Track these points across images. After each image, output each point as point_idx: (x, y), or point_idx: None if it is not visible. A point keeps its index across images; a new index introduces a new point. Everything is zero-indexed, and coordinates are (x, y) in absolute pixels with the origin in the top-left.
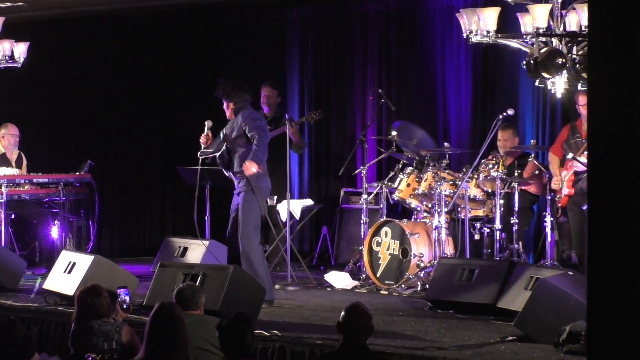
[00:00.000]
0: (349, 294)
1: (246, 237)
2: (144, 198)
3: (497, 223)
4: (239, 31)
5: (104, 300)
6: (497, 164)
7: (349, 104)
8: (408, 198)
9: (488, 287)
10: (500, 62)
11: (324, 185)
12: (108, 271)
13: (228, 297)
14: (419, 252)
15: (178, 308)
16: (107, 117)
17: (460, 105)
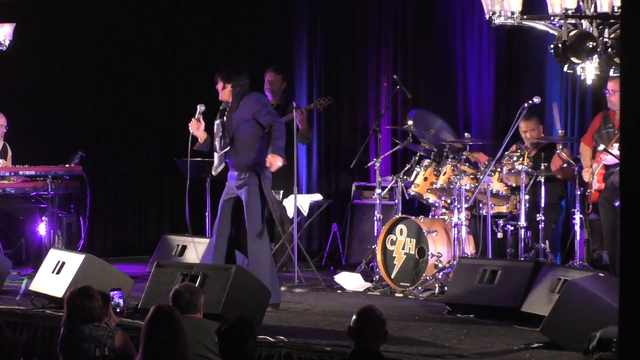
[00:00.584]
0: (360, 296)
1: (255, 234)
2: (139, 192)
3: (521, 220)
4: (241, 11)
5: (96, 302)
6: (521, 156)
7: (362, 91)
8: (425, 193)
9: (512, 289)
10: (525, 46)
11: (334, 179)
12: (100, 271)
13: (230, 300)
14: (437, 251)
15: (176, 311)
16: (100, 104)
17: (482, 93)
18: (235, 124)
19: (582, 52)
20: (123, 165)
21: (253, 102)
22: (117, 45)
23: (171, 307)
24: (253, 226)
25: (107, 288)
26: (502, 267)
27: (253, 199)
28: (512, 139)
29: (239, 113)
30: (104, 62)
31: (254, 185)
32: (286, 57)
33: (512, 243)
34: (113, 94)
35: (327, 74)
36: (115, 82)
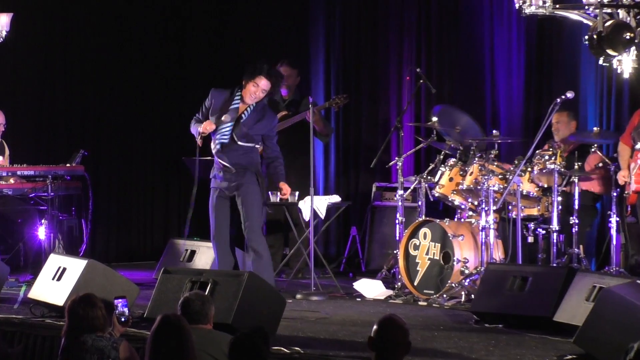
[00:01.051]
0: (381, 305)
1: (255, 232)
2: (145, 193)
3: (554, 223)
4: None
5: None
6: (554, 155)
7: (382, 85)
8: (450, 194)
9: (543, 297)
10: (558, 37)
11: (353, 180)
12: (103, 278)
13: (242, 309)
14: (463, 257)
15: (184, 321)
16: (103, 100)
17: (512, 87)
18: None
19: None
20: (128, 164)
21: (271, 126)
22: (121, 37)
23: (179, 316)
24: (253, 224)
25: (110, 296)
26: (533, 273)
27: (252, 197)
28: (544, 136)
29: (257, 124)
30: (107, 55)
31: (252, 183)
32: (301, 49)
33: (544, 248)
34: (117, 88)
35: (346, 67)
36: (119, 76)
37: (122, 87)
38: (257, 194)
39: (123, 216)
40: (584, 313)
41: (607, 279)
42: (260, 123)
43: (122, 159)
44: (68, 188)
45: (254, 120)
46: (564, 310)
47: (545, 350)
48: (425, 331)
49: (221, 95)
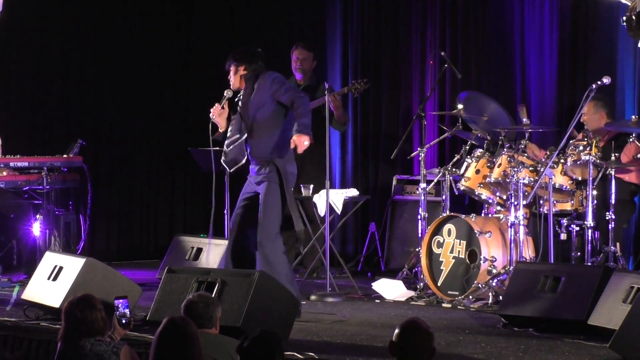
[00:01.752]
0: (402, 307)
1: (268, 237)
2: (148, 187)
3: (588, 219)
4: None
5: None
6: (589, 146)
7: (404, 71)
8: (477, 188)
9: (577, 299)
10: (593, 18)
11: (372, 172)
12: (103, 278)
13: (252, 311)
14: (491, 255)
15: (192, 325)
16: (103, 86)
17: (543, 73)
18: (252, 110)
19: None
20: (130, 155)
21: (269, 83)
22: (123, 17)
23: (186, 319)
24: (267, 227)
25: (110, 297)
26: (566, 273)
27: (270, 197)
28: (578, 125)
29: (255, 97)
30: (108, 38)
31: (274, 183)
32: (317, 31)
33: (578, 246)
34: (118, 74)
35: (364, 51)
36: (121, 60)
37: (124, 71)
38: (276, 196)
39: (124, 211)
40: (621, 316)
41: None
42: (255, 95)
43: (124, 149)
44: (65, 181)
45: (248, 97)
46: (600, 313)
47: (579, 356)
48: (450, 335)
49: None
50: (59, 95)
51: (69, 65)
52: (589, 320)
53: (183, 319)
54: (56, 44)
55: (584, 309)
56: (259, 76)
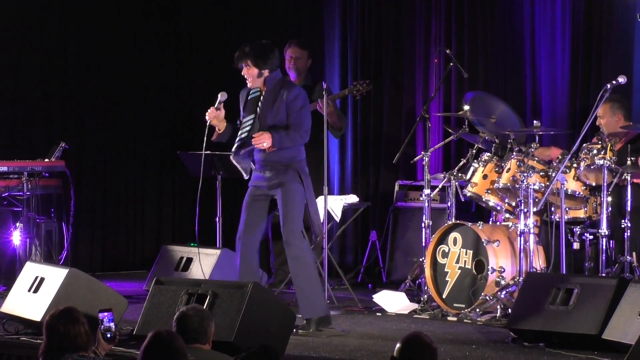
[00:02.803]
0: (405, 320)
1: (295, 235)
2: (134, 193)
3: (603, 227)
4: None
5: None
6: (603, 149)
7: (407, 69)
8: (484, 194)
9: (591, 312)
10: (609, 13)
11: (372, 178)
12: (87, 289)
13: (245, 325)
14: (499, 265)
15: (178, 339)
16: (86, 86)
17: (555, 72)
18: (271, 117)
19: None
20: (115, 159)
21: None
22: (108, 18)
23: (172, 333)
24: (293, 226)
25: (95, 310)
26: (579, 284)
27: (293, 196)
28: (592, 128)
29: (276, 105)
30: (92, 36)
31: (294, 182)
32: (315, 28)
33: (592, 255)
34: (103, 73)
35: (365, 48)
36: (106, 60)
37: (109, 71)
38: (299, 195)
39: (109, 219)
40: (638, 330)
41: None
42: (277, 101)
43: (109, 153)
44: (46, 186)
45: (269, 102)
46: (615, 326)
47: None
48: (456, 351)
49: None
50: (40, 96)
51: (51, 65)
52: (604, 334)
53: (169, 333)
54: (37, 43)
55: (598, 322)
56: (283, 83)
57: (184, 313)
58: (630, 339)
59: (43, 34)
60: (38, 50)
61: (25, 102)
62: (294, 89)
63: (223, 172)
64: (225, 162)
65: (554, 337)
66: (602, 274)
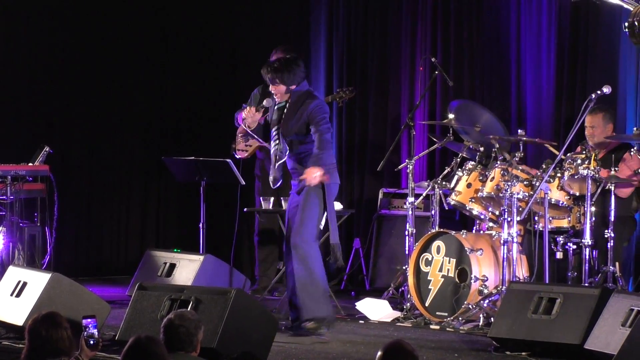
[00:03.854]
0: (388, 328)
1: (304, 239)
2: (118, 198)
3: (586, 237)
4: None
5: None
6: (587, 159)
7: (392, 77)
8: (468, 203)
9: (573, 322)
10: (594, 23)
11: (357, 185)
12: (70, 294)
13: (228, 332)
14: (482, 274)
15: (158, 344)
16: (71, 90)
17: (540, 81)
18: (292, 126)
19: None
20: (99, 164)
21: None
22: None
23: (152, 339)
24: (304, 230)
25: (78, 315)
26: (562, 294)
27: (310, 201)
28: (576, 137)
29: (297, 114)
30: (78, 38)
31: (316, 188)
32: (302, 35)
33: (575, 265)
34: (88, 77)
35: (351, 55)
36: (91, 63)
37: (94, 75)
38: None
39: (93, 223)
40: (620, 340)
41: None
42: (298, 114)
43: (93, 157)
44: (30, 191)
45: (291, 114)
46: (597, 337)
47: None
48: (438, 359)
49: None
50: (25, 100)
51: (36, 69)
52: (586, 344)
53: (150, 339)
54: (22, 46)
55: (581, 332)
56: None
57: (170, 321)
58: (613, 349)
59: (27, 37)
60: (23, 54)
61: (9, 106)
62: (315, 100)
63: (207, 178)
64: (209, 168)
65: (537, 347)
66: (585, 284)
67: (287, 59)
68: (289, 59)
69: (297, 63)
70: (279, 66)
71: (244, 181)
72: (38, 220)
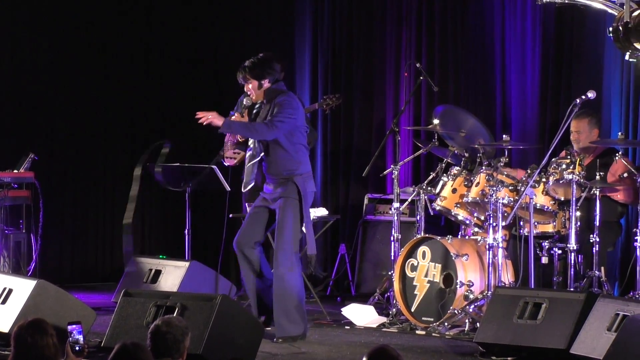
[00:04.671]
0: (373, 334)
1: (285, 254)
2: (103, 205)
3: (571, 242)
4: None
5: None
6: (572, 164)
7: (377, 83)
8: (454, 208)
9: (559, 327)
10: (579, 28)
11: (342, 190)
12: (55, 301)
13: (214, 338)
14: (468, 279)
15: (145, 351)
16: (56, 97)
17: (525, 86)
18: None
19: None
20: (84, 171)
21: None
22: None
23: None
24: (285, 245)
25: (63, 321)
26: (548, 299)
27: (289, 214)
28: (561, 142)
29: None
30: (63, 44)
31: (292, 197)
32: (285, 41)
33: (560, 270)
34: (73, 83)
35: (335, 61)
36: (76, 70)
37: (79, 81)
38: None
39: (78, 230)
40: (606, 345)
41: (632, 306)
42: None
43: (78, 164)
44: (15, 197)
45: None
46: (583, 341)
47: None
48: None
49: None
50: (9, 107)
51: (20, 74)
52: (572, 349)
53: (136, 345)
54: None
55: (566, 337)
56: (278, 92)
57: (157, 327)
58: (598, 354)
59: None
60: (6, 61)
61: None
62: (285, 95)
63: (193, 184)
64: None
65: (522, 352)
66: (570, 289)
67: (258, 56)
68: (261, 55)
69: (268, 59)
70: (249, 63)
71: (229, 187)
72: (23, 227)
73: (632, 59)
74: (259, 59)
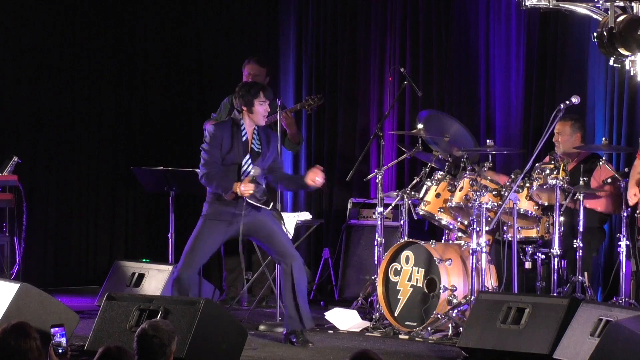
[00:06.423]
0: (357, 338)
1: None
2: (87, 208)
3: (555, 247)
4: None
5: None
6: (556, 169)
7: (361, 87)
8: (437, 213)
9: (542, 332)
10: (563, 33)
11: (326, 195)
12: (38, 304)
13: (197, 342)
14: (451, 284)
15: (128, 354)
16: (39, 99)
17: (509, 91)
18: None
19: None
20: (68, 174)
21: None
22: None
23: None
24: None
25: (46, 325)
26: (531, 304)
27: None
28: (545, 147)
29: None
30: (46, 45)
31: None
32: (269, 45)
33: (544, 275)
34: (57, 86)
35: (320, 65)
36: (60, 73)
37: (62, 85)
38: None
39: (62, 234)
40: (589, 350)
41: (615, 311)
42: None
43: (62, 167)
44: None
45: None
46: (566, 346)
47: None
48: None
49: (224, 129)
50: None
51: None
52: (555, 354)
53: (119, 349)
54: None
55: (549, 342)
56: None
57: (144, 331)
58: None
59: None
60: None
61: None
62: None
63: (176, 188)
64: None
65: (506, 356)
66: (553, 294)
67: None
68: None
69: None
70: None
71: None
72: (7, 231)
73: (616, 64)
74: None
